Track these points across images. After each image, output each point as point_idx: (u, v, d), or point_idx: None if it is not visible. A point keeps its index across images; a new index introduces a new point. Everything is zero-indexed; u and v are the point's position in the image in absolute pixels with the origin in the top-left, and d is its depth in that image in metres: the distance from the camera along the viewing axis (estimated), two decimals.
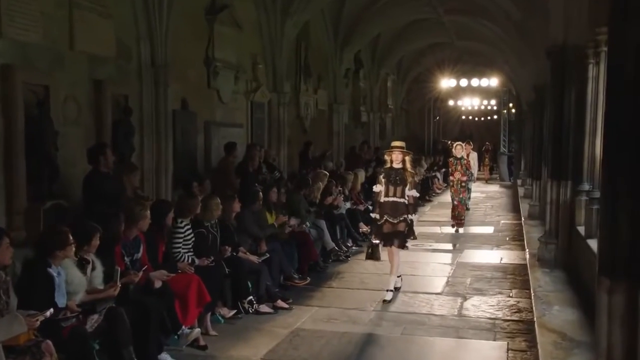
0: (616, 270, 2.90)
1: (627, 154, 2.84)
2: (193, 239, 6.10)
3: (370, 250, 7.21)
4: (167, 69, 8.19)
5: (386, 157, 7.06)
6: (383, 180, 6.98)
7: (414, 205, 7.02)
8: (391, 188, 6.90)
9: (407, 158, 6.97)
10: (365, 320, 6.24)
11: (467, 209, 13.60)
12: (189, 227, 6.07)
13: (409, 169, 6.97)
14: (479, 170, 23.92)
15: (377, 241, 7.08)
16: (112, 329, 4.46)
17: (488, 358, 5.27)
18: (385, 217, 6.91)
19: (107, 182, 6.08)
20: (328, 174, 9.90)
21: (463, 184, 11.77)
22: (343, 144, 16.41)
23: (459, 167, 11.70)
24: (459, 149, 12.01)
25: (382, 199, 6.95)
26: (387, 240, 6.99)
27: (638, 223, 2.82)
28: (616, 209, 2.90)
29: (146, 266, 5.22)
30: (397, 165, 6.96)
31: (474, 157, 15.25)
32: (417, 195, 7.16)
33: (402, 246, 7.03)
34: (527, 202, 13.02)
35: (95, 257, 4.80)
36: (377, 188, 7.05)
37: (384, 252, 7.20)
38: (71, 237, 4.37)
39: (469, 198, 14.17)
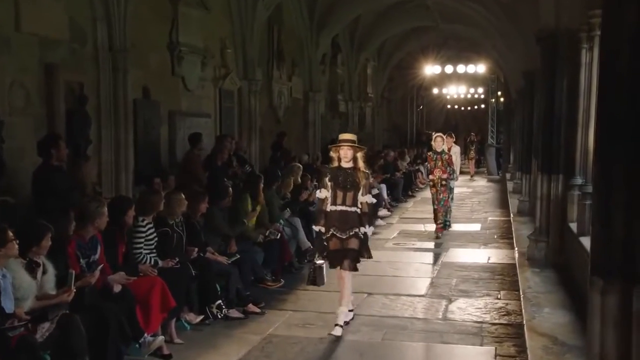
0: (610, 270, 2.93)
1: (621, 146, 2.87)
2: (156, 238, 6.04)
3: (312, 273, 6.20)
4: (126, 54, 8.08)
5: (332, 154, 6.09)
6: (329, 183, 5.99)
7: (370, 215, 6.11)
8: (339, 193, 5.95)
9: (360, 155, 6.01)
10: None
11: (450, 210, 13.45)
12: (151, 225, 6.02)
13: (362, 169, 6.01)
14: (463, 162, 24.12)
15: (321, 261, 6.11)
16: (66, 338, 4.38)
17: None
18: (332, 230, 5.93)
19: (59, 176, 5.98)
20: (302, 167, 9.87)
21: (444, 182, 10.78)
22: (319, 136, 16.40)
23: (440, 163, 10.75)
24: (439, 142, 10.92)
25: (329, 207, 5.99)
26: (335, 261, 6.01)
27: (633, 219, 2.85)
28: (609, 205, 2.93)
29: (102, 264, 5.14)
30: (346, 164, 6.00)
31: (456, 151, 14.14)
32: (373, 201, 6.25)
33: (354, 268, 6.05)
34: (516, 198, 13.18)
35: (47, 259, 4.71)
36: (321, 193, 6.06)
37: (331, 274, 6.28)
38: (11, 234, 4.26)
39: (452, 198, 13.74)
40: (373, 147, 20.54)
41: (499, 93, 27.41)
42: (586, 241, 5.34)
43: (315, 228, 6.15)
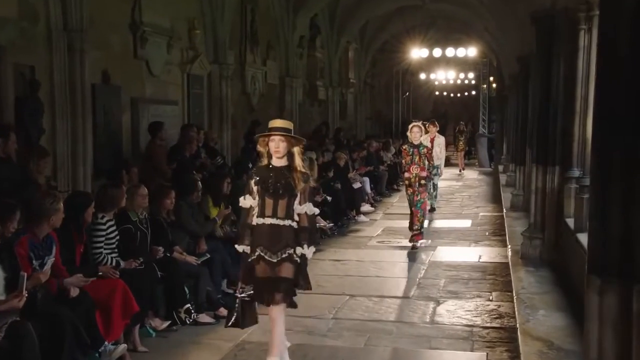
0: (608, 269, 2.96)
1: (619, 135, 2.90)
2: (117, 237, 6.01)
3: (236, 310, 5.10)
4: (83, 34, 7.97)
5: (260, 148, 5.05)
6: (255, 187, 4.97)
7: (311, 231, 5.02)
8: (269, 202, 4.92)
9: (297, 150, 4.98)
10: (323, 330, 6.25)
11: (433, 209, 13.06)
12: (112, 223, 5.99)
13: (300, 169, 4.98)
14: (451, 154, 24.24)
15: (245, 294, 5.04)
16: (16, 348, 4.33)
17: None
18: (259, 251, 4.92)
19: (7, 169, 5.90)
20: None
21: (423, 182, 9.83)
22: (297, 125, 16.36)
23: (417, 159, 9.73)
24: (416, 133, 9.91)
25: (255, 220, 4.98)
26: (263, 293, 5.01)
27: (632, 215, 2.88)
28: (607, 198, 2.95)
29: (54, 260, 5.08)
30: (278, 161, 4.97)
31: (440, 142, 13.69)
32: (315, 212, 5.07)
33: (290, 303, 5.09)
34: (509, 191, 13.30)
35: None
36: (245, 201, 5.04)
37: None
38: None
39: (435, 196, 13.30)
40: (355, 137, 20.59)
41: (491, 79, 27.61)
42: (584, 238, 5.41)
43: (239, 248, 5.07)
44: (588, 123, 6.63)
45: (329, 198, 11.59)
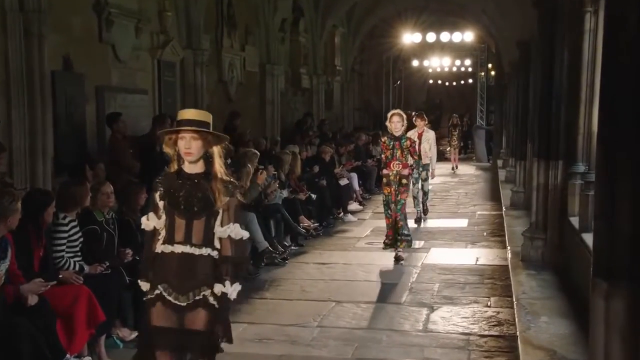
0: (615, 272, 2.96)
1: (629, 127, 2.90)
2: (81, 239, 5.98)
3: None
4: (42, 15, 7.88)
5: (167, 149, 4.11)
6: (161, 203, 4.08)
7: (236, 262, 4.09)
8: (180, 223, 4.01)
9: (217, 151, 4.08)
10: (308, 339, 6.25)
11: (424, 211, 12.55)
12: (74, 224, 5.95)
13: (222, 176, 4.07)
14: (445, 147, 24.24)
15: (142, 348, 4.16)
16: None
17: None
18: (162, 290, 3.99)
19: None
20: (258, 153, 9.83)
21: (404, 181, 9.16)
22: (279, 116, 16.35)
23: (399, 153, 9.12)
24: (397, 122, 9.14)
25: (159, 247, 4.07)
26: (166, 348, 3.99)
27: None
28: (615, 195, 2.95)
29: (8, 264, 5.03)
30: (192, 166, 4.07)
31: (429, 138, 12.56)
32: (244, 237, 4.13)
33: None
34: (509, 188, 13.36)
35: None
36: (148, 222, 4.14)
37: None
38: None
39: (425, 201, 12.62)
40: (342, 130, 20.59)
41: (490, 66, 27.75)
42: (589, 238, 5.42)
43: (142, 286, 4.16)
44: (594, 113, 6.66)
45: (313, 196, 11.59)
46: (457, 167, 22.38)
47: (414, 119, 12.41)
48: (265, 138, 13.61)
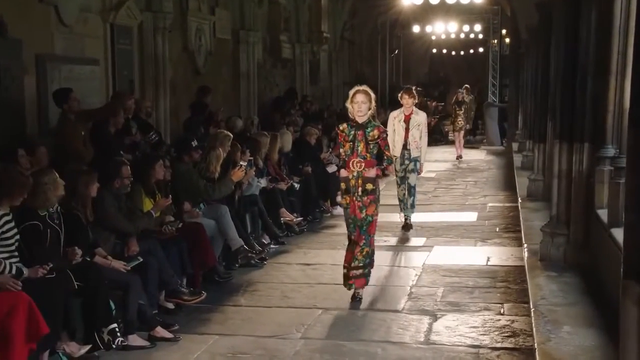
0: None
1: None
2: (17, 237, 5.92)
3: None
4: None
5: None
6: None
7: None
8: None
9: None
10: (290, 353, 6.26)
11: (409, 225, 11.26)
12: (9, 218, 5.87)
13: None
14: (446, 134, 24.20)
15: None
16: None
17: None
18: None
19: None
20: (231, 136, 9.80)
21: (370, 187, 7.61)
22: (256, 91, 16.31)
23: (362, 147, 7.57)
24: (361, 102, 7.57)
25: None
26: None
27: None
28: None
29: None
30: None
31: (419, 122, 11.08)
32: None
33: None
34: (525, 176, 13.39)
35: None
36: None
37: None
38: None
39: (412, 205, 11.29)
40: (330, 107, 20.57)
41: (504, 32, 27.80)
42: (619, 233, 5.43)
43: None
44: (626, 87, 6.66)
45: (296, 185, 11.57)
46: (461, 158, 21.35)
47: (399, 95, 11.20)
48: (239, 117, 13.58)
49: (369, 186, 7.61)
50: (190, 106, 12.44)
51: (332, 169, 13.39)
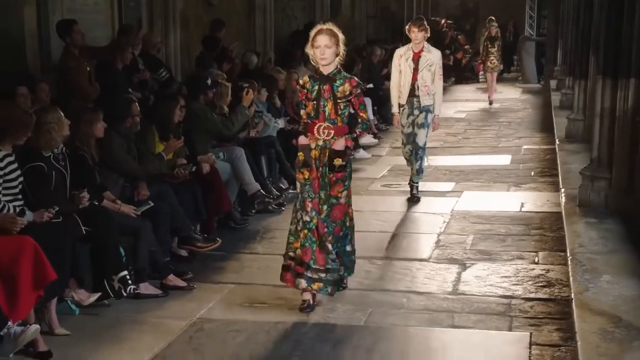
0: None
1: None
2: (20, 179, 5.93)
3: None
4: None
5: None
6: None
7: None
8: None
9: None
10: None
11: (416, 197, 9.78)
12: (11, 159, 5.87)
13: None
14: (478, 71, 23.69)
15: None
16: None
17: (500, 358, 5.40)
18: None
19: None
20: (228, 85, 9.64)
21: (339, 162, 6.22)
22: (272, 25, 16.20)
23: (329, 107, 6.24)
24: (324, 46, 6.26)
25: None
26: None
27: None
28: None
29: None
30: None
31: (432, 61, 9.60)
32: None
33: None
34: (564, 116, 13.30)
35: None
36: None
37: None
38: None
39: (420, 170, 9.81)
40: (353, 43, 20.42)
41: None
42: None
43: None
44: None
45: None
46: (492, 102, 20.02)
47: (407, 28, 9.86)
48: (255, 53, 13.52)
49: (338, 161, 6.22)
50: (202, 41, 12.39)
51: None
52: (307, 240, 6.14)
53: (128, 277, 6.35)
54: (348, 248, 6.39)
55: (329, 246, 6.12)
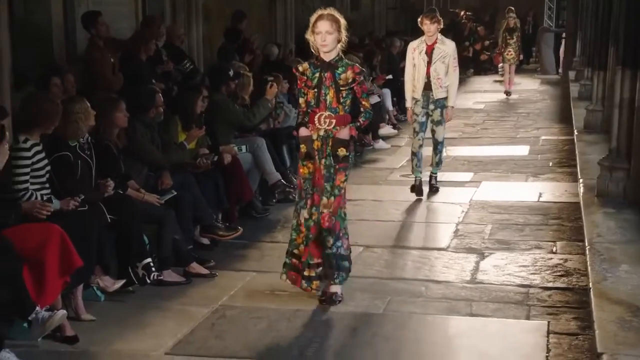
0: None
1: None
2: (48, 168, 5.98)
3: None
4: None
5: None
6: None
7: None
8: None
9: None
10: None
11: (432, 183, 9.74)
12: (39, 149, 5.92)
13: None
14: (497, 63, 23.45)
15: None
16: None
17: (517, 346, 5.40)
18: None
19: None
20: (250, 76, 9.67)
21: (342, 152, 6.05)
22: (292, 17, 16.20)
23: (331, 96, 6.05)
24: (325, 32, 6.01)
25: None
26: None
27: None
28: None
29: None
30: None
31: (446, 52, 9.34)
32: None
33: None
34: (583, 106, 13.25)
35: None
36: None
37: None
38: None
39: (438, 163, 9.79)
40: (372, 34, 20.38)
41: None
42: None
43: None
44: None
45: None
46: (509, 94, 19.79)
47: (419, 20, 9.48)
48: (277, 44, 13.53)
49: (342, 151, 6.03)
50: (224, 33, 12.42)
51: (373, 99, 13.33)
52: (305, 239, 6.08)
53: (152, 264, 6.39)
54: (343, 251, 6.11)
55: (330, 239, 5.99)
